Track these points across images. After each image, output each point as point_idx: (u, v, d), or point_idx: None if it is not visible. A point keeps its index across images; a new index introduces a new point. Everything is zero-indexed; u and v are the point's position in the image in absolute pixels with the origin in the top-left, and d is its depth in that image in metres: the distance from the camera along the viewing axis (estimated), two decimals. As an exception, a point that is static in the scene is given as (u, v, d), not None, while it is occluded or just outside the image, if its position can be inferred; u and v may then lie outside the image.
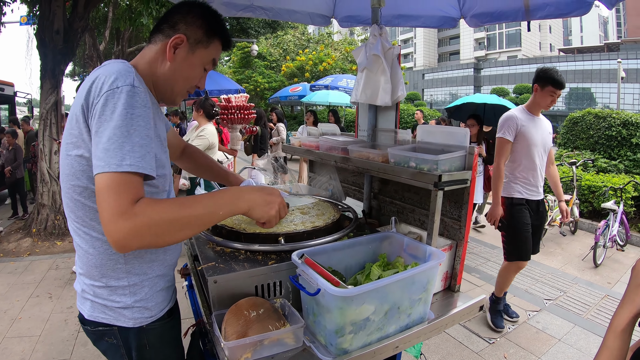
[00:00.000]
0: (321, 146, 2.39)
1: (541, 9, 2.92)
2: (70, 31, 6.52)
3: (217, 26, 1.36)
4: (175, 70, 1.32)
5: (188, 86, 1.39)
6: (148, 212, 1.04)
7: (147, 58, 1.33)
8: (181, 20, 1.31)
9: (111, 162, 1.02)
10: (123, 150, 1.04)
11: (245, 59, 24.24)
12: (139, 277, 1.31)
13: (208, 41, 1.35)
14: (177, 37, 1.29)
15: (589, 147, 9.42)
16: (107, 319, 1.31)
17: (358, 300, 1.23)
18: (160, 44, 1.32)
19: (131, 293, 1.30)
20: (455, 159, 1.68)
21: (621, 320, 0.93)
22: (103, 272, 1.27)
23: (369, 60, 2.18)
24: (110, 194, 1.01)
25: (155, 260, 1.35)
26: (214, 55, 1.40)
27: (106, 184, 1.02)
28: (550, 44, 62.38)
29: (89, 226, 1.24)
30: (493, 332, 3.81)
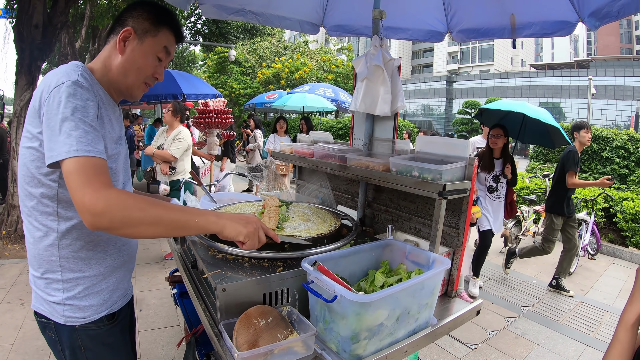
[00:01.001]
0: (316, 153, 2.40)
1: (527, 27, 3.04)
2: (50, 26, 6.33)
3: (164, 16, 1.42)
4: (127, 61, 1.37)
5: (143, 77, 1.43)
6: (123, 197, 1.13)
7: (102, 58, 1.39)
8: (128, 17, 1.38)
9: (61, 150, 1.12)
10: (71, 138, 1.13)
11: (221, 64, 24.07)
12: (73, 273, 1.33)
13: (156, 30, 1.40)
14: (125, 31, 1.35)
15: (560, 160, 9.74)
16: (43, 311, 1.34)
17: (375, 306, 1.25)
18: (112, 42, 1.38)
19: (64, 289, 1.32)
20: (457, 169, 1.72)
21: (631, 315, 1.00)
22: (40, 263, 1.32)
23: (369, 71, 2.21)
24: (81, 172, 1.11)
25: (92, 258, 1.36)
26: (164, 43, 1.43)
27: (75, 166, 1.11)
28: (522, 60, 64.32)
29: (33, 215, 1.30)
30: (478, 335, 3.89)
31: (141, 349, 3.39)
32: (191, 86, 8.46)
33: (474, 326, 4.09)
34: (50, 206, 1.28)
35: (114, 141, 1.38)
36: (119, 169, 1.42)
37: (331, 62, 22.00)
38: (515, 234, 6.60)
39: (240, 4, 3.19)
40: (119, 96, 1.47)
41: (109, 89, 1.41)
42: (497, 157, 4.80)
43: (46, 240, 1.30)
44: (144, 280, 4.75)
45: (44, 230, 1.30)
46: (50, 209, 1.28)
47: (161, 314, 3.99)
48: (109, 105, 1.39)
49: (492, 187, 4.81)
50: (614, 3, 2.39)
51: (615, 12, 2.42)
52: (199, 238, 1.78)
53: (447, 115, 52.69)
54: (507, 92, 46.10)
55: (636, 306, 1.00)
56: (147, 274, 4.94)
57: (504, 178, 4.77)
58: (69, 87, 1.18)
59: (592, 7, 2.60)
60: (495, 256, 6.53)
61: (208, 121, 5.66)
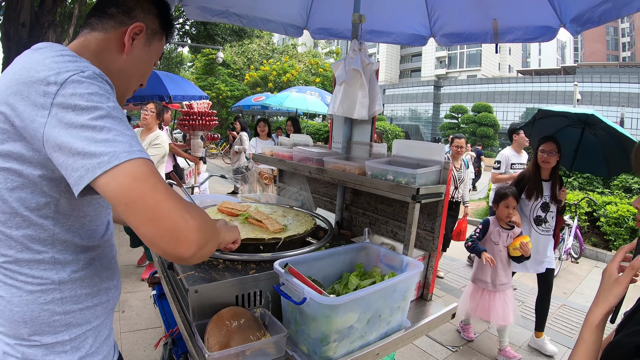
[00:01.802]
0: (295, 157, 2.42)
1: (509, 32, 3.08)
2: (37, 25, 6.29)
3: (170, 18, 1.22)
4: (132, 63, 1.15)
5: (140, 82, 1.23)
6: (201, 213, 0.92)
7: (94, 48, 1.09)
8: (137, 7, 1.13)
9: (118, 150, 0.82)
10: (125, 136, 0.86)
11: (209, 66, 24.01)
12: (81, 327, 1.05)
13: (162, 33, 1.21)
14: (136, 26, 1.10)
15: (544, 164, 9.83)
16: None
17: (344, 308, 1.26)
18: (112, 33, 1.10)
19: (73, 349, 1.03)
20: (431, 173, 1.75)
21: (596, 316, 1.02)
22: (35, 328, 0.98)
23: (348, 74, 2.23)
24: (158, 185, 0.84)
25: (98, 304, 1.10)
26: (163, 48, 1.26)
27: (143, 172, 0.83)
28: (509, 65, 64.96)
29: (14, 269, 0.96)
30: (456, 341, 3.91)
31: (123, 350, 3.36)
32: (177, 87, 8.44)
33: (455, 328, 4.12)
34: (43, 251, 0.97)
35: None
36: None
37: (319, 65, 22.08)
38: (499, 238, 6.64)
39: (224, 5, 3.20)
40: None
41: None
42: (546, 178, 3.80)
43: (42, 296, 0.97)
44: (128, 282, 4.70)
45: (36, 285, 0.97)
46: (45, 255, 0.97)
47: (143, 316, 3.96)
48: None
49: (541, 217, 3.80)
50: (596, 9, 2.43)
51: (596, 17, 2.45)
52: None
53: (435, 120, 53.03)
54: (494, 97, 46.55)
55: (601, 307, 1.02)
56: (131, 276, 4.90)
57: (555, 205, 3.79)
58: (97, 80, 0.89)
59: (574, 13, 2.63)
60: (479, 259, 6.58)
61: (192, 123, 5.63)
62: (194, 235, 0.84)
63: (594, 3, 2.41)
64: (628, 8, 2.26)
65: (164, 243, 0.82)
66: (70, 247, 1.01)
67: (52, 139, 0.82)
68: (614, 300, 1.01)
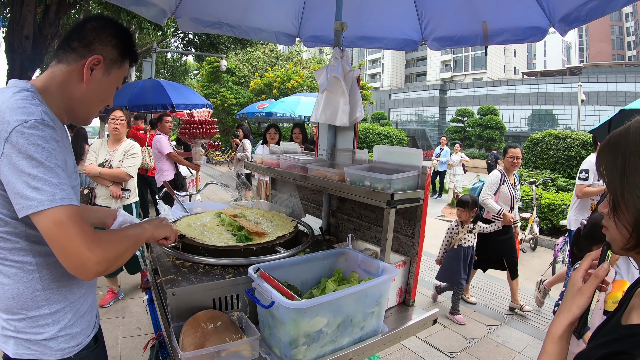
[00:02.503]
0: (282, 164, 2.46)
1: (498, 34, 3.10)
2: (40, 37, 6.43)
3: (130, 46, 1.35)
4: (92, 91, 1.29)
5: (102, 106, 1.38)
6: (105, 238, 1.16)
7: (59, 80, 1.26)
8: (96, 40, 1.27)
9: (43, 199, 1.04)
10: (51, 186, 1.06)
11: (214, 74, 24.14)
12: (60, 303, 1.25)
13: (122, 61, 1.34)
14: (94, 58, 1.25)
15: (549, 166, 9.81)
16: (33, 354, 1.23)
17: (311, 312, 1.28)
18: (74, 65, 1.25)
19: (54, 322, 1.23)
20: (408, 178, 1.77)
21: (558, 327, 0.99)
22: (21, 303, 1.20)
23: (329, 82, 2.27)
24: (71, 226, 1.06)
25: (73, 282, 1.29)
26: (125, 74, 1.40)
27: (60, 218, 1.06)
28: (514, 67, 64.71)
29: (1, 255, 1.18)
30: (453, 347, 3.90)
31: (122, 354, 3.41)
32: (181, 96, 8.53)
33: (454, 334, 4.11)
34: (19, 242, 1.18)
35: (73, 169, 1.29)
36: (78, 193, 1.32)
37: (323, 71, 22.09)
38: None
39: (216, 17, 3.26)
40: (68, 121, 1.36)
41: (60, 113, 1.27)
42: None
43: (25, 276, 1.19)
44: (127, 289, 4.76)
45: (18, 267, 1.18)
46: (21, 244, 1.18)
47: (143, 321, 4.01)
48: (61, 131, 1.23)
49: None
50: (582, 7, 2.44)
51: (583, 16, 2.46)
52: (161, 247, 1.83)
53: (441, 124, 52.90)
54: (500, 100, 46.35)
55: (564, 317, 0.99)
56: (132, 283, 4.95)
57: None
58: (37, 129, 1.07)
59: (562, 12, 2.65)
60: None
61: (193, 132, 5.70)
62: (95, 268, 1.10)
63: (581, 2, 2.43)
64: (613, 5, 2.28)
65: (73, 272, 1.10)
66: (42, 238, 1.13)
67: (3, 173, 1.06)
68: (577, 310, 0.97)
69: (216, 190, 10.18)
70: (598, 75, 41.84)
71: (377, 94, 59.10)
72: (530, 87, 46.03)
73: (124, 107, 6.73)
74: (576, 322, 0.98)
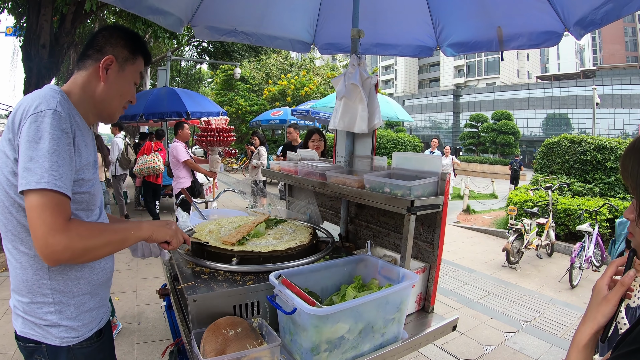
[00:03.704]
0: (300, 171, 2.46)
1: (514, 39, 3.08)
2: (57, 46, 6.53)
3: (138, 43, 1.50)
4: (110, 88, 1.43)
5: (124, 102, 1.51)
6: (80, 230, 1.20)
7: (80, 83, 1.41)
8: (106, 44, 1.43)
9: (31, 180, 1.14)
10: (43, 169, 1.15)
11: (228, 82, 24.35)
12: (64, 295, 1.34)
13: (134, 57, 1.48)
14: (107, 59, 1.40)
15: (565, 171, 9.69)
16: (36, 335, 1.33)
17: (333, 319, 1.29)
18: (92, 68, 1.41)
19: (57, 311, 1.33)
20: (428, 184, 1.76)
21: (583, 336, 0.96)
22: (29, 288, 1.31)
23: (347, 89, 2.27)
24: (46, 210, 1.14)
25: (81, 278, 1.37)
26: (140, 69, 1.52)
27: (40, 201, 1.14)
28: (528, 72, 64.18)
29: (17, 240, 1.29)
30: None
31: (138, 360, 3.44)
32: (195, 104, 8.61)
33: (471, 341, 4.07)
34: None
35: (91, 166, 1.40)
36: (97, 192, 1.45)
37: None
38: (517, 248, 6.57)
39: (231, 25, 3.29)
40: (96, 120, 1.51)
41: (86, 114, 1.42)
42: None
43: (35, 265, 1.29)
44: (144, 295, 4.79)
45: (31, 255, 1.29)
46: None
47: (159, 327, 4.03)
48: (85, 130, 1.39)
49: None
50: (598, 10, 2.41)
51: (599, 19, 2.43)
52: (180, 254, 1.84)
53: (455, 129, 52.64)
54: (514, 104, 45.98)
55: (589, 326, 0.96)
56: (148, 288, 4.99)
57: None
58: (48, 116, 1.20)
59: (577, 16, 2.63)
60: (497, 270, 6.49)
61: (210, 139, 5.74)
62: (57, 255, 1.16)
63: (596, 5, 2.40)
64: (628, 7, 2.25)
65: (39, 254, 1.17)
66: None
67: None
68: (602, 319, 0.95)
69: (232, 197, 10.22)
70: (612, 77, 41.31)
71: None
72: (544, 91, 45.62)
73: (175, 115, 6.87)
74: (601, 330, 0.95)
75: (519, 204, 8.30)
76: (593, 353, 0.98)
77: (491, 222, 9.98)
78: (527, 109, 45.70)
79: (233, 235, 1.91)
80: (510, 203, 8.73)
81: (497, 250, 7.38)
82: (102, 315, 1.50)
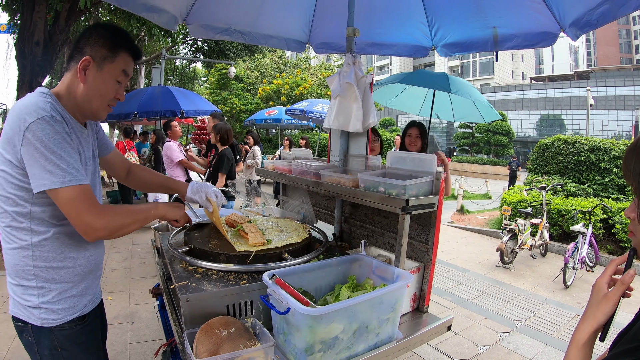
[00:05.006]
0: (294, 170, 2.45)
1: (509, 40, 3.09)
2: (50, 43, 6.47)
3: (120, 40, 1.50)
4: (89, 89, 1.47)
5: (106, 101, 1.53)
6: (112, 211, 1.43)
7: (65, 84, 1.48)
8: (86, 44, 1.46)
9: (55, 180, 1.30)
10: (60, 169, 1.31)
11: (223, 81, 24.30)
12: (46, 281, 1.45)
13: (113, 56, 1.48)
14: (84, 60, 1.43)
15: (559, 172, 9.74)
16: (22, 315, 1.46)
17: (327, 319, 1.27)
18: (73, 70, 1.46)
19: (38, 294, 1.44)
20: (422, 184, 1.76)
21: (583, 334, 0.97)
22: (17, 272, 1.44)
23: (342, 88, 2.26)
24: (77, 201, 1.34)
25: (63, 267, 1.48)
26: (122, 67, 1.52)
27: (69, 196, 1.32)
28: (522, 72, 64.38)
29: (8, 230, 1.42)
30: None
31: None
32: (189, 102, 8.56)
33: (465, 341, 4.08)
34: (24, 222, 1.40)
35: (89, 160, 1.55)
36: (96, 184, 1.63)
37: (331, 78, 22.18)
38: (511, 248, 6.59)
39: (226, 23, 3.28)
40: (84, 119, 1.57)
41: (74, 113, 1.50)
42: None
43: (21, 251, 1.41)
44: (138, 294, 4.76)
45: (18, 243, 1.41)
46: (24, 225, 1.40)
47: (152, 327, 4.01)
48: (77, 129, 1.49)
49: None
50: (593, 11, 2.42)
51: (594, 20, 2.44)
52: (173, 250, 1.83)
53: (449, 130, 52.65)
54: (508, 105, 46.06)
55: (588, 324, 0.97)
56: (142, 288, 4.96)
57: None
58: (47, 123, 1.30)
59: (573, 17, 2.63)
60: (491, 270, 6.51)
61: (203, 137, 5.72)
62: (97, 233, 1.38)
63: (592, 5, 2.41)
64: (625, 8, 2.26)
65: (82, 234, 1.38)
66: (43, 222, 1.42)
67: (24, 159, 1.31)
68: (602, 317, 0.95)
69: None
70: (606, 79, 41.48)
71: (385, 100, 59.03)
72: (538, 92, 45.72)
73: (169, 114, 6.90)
74: (600, 328, 0.96)
75: (513, 204, 8.33)
76: (592, 351, 0.98)
77: (485, 222, 10.01)
78: (522, 110, 45.78)
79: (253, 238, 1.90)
80: (504, 203, 8.75)
81: (491, 250, 7.40)
82: (86, 302, 1.59)
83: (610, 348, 0.96)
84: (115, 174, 1.98)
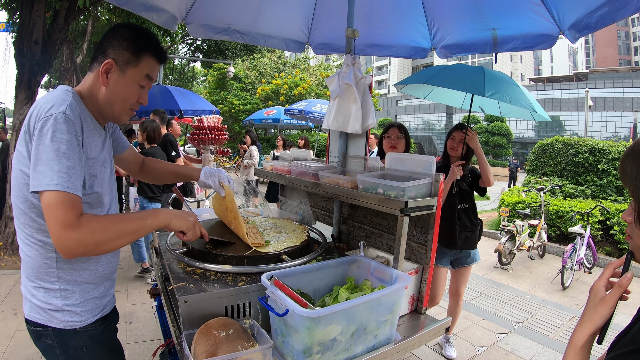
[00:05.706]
0: (293, 171, 2.45)
1: (508, 42, 3.09)
2: (49, 42, 6.44)
3: (144, 43, 1.45)
4: (111, 93, 1.43)
5: (128, 105, 1.49)
6: (91, 225, 1.25)
7: (87, 85, 1.44)
8: (109, 46, 1.41)
9: (42, 181, 1.20)
10: (52, 171, 1.21)
11: (221, 80, 24.27)
12: (69, 283, 1.41)
13: (137, 60, 1.43)
14: (106, 63, 1.38)
15: (557, 173, 9.74)
16: (42, 319, 1.40)
17: (325, 320, 1.27)
18: (96, 72, 1.41)
19: (62, 297, 1.40)
20: (421, 185, 1.76)
21: (580, 337, 0.97)
22: (38, 274, 1.39)
23: (341, 89, 2.27)
24: (58, 209, 1.20)
25: (86, 269, 1.45)
26: (146, 71, 1.47)
27: (51, 200, 1.20)
28: (521, 74, 64.43)
29: (29, 233, 1.37)
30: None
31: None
32: (188, 102, 8.55)
33: (463, 342, 4.08)
34: (44, 224, 1.33)
35: (99, 165, 1.46)
36: (105, 191, 1.50)
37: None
38: (509, 249, 6.59)
39: (226, 23, 3.28)
40: (104, 121, 1.53)
41: (95, 115, 1.46)
42: None
43: (44, 254, 1.37)
44: (136, 294, 4.76)
45: (40, 245, 1.36)
46: (45, 227, 1.32)
47: (150, 327, 4.00)
48: (95, 131, 1.45)
49: None
50: (593, 14, 2.42)
51: (594, 23, 2.44)
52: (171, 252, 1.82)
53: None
54: (507, 106, 46.10)
55: (586, 327, 0.97)
56: (140, 288, 4.96)
57: None
58: (57, 120, 1.23)
59: (572, 20, 2.64)
60: (489, 271, 6.52)
61: (202, 137, 5.71)
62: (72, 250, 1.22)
63: (591, 8, 2.41)
64: (624, 11, 2.26)
65: (56, 248, 1.25)
66: None
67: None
68: (600, 320, 0.95)
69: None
70: (605, 80, 41.62)
71: (384, 101, 59.05)
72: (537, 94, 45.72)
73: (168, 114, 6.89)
74: (598, 331, 0.96)
75: (511, 206, 8.33)
76: (589, 354, 0.98)
77: (483, 223, 10.00)
78: (520, 111, 45.87)
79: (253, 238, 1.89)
80: (502, 204, 8.76)
81: (489, 251, 7.40)
82: (106, 303, 1.57)
83: (608, 351, 0.96)
84: (129, 170, 1.94)
